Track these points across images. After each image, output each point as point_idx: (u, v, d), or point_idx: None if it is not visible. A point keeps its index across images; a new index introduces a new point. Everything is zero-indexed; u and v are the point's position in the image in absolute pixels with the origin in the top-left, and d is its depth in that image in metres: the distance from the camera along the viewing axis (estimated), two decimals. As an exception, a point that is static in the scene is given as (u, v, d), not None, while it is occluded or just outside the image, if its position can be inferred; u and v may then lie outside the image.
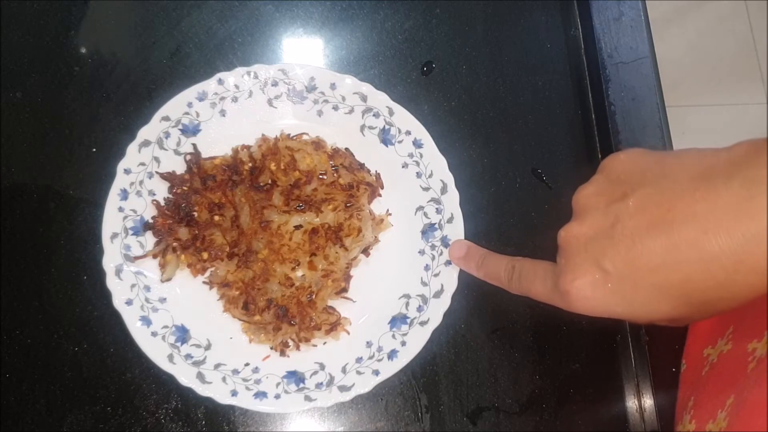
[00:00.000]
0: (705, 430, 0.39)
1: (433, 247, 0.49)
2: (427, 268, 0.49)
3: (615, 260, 0.31)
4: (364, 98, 0.51)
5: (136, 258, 0.47)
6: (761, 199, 0.26)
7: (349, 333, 0.48)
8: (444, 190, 0.50)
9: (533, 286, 0.38)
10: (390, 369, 0.46)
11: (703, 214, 0.28)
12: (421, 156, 0.50)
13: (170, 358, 0.45)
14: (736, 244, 0.27)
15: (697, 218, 0.28)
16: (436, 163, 0.50)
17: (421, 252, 0.49)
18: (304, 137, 0.51)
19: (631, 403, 0.50)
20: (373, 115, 0.51)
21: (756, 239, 0.26)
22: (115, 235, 0.47)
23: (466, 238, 0.49)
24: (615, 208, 0.32)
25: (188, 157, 0.49)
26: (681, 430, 0.43)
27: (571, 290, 0.33)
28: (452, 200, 0.49)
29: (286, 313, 0.47)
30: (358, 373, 0.46)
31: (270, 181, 0.49)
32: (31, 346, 0.47)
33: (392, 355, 0.46)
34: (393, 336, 0.47)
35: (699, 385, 0.44)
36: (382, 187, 0.51)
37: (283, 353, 0.47)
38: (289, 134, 0.51)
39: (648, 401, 0.49)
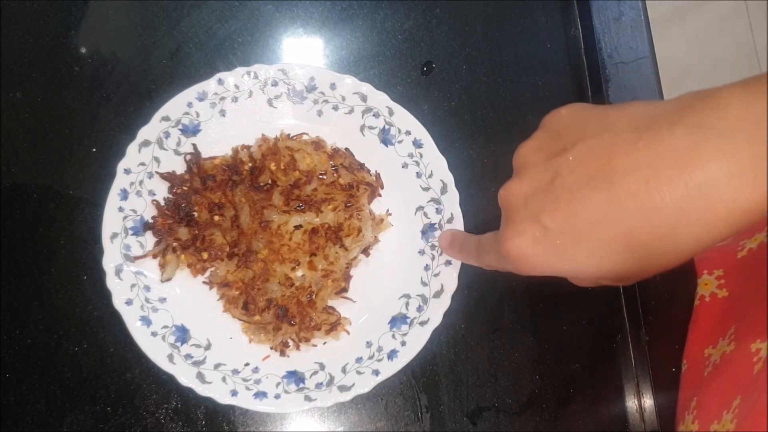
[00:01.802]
0: (709, 430, 0.39)
1: (433, 247, 0.49)
2: (427, 268, 0.49)
3: (555, 215, 0.29)
4: (364, 98, 0.51)
5: (136, 258, 0.47)
6: (706, 146, 0.25)
7: (349, 333, 0.48)
8: (444, 190, 0.50)
9: (489, 257, 0.37)
10: (390, 369, 0.46)
11: (644, 164, 0.26)
12: (421, 156, 0.50)
13: (170, 358, 0.45)
14: (678, 195, 0.25)
15: (638, 168, 0.27)
16: (436, 163, 0.50)
17: (421, 252, 0.49)
18: (304, 137, 0.51)
19: (631, 403, 0.50)
20: (373, 115, 0.51)
21: (700, 189, 0.25)
22: (115, 235, 0.47)
23: (466, 238, 0.49)
24: (555, 162, 0.30)
25: (188, 157, 0.49)
26: (683, 430, 0.43)
27: (511, 250, 0.31)
28: (452, 200, 0.49)
29: (286, 313, 0.47)
30: (358, 373, 0.46)
31: (270, 181, 0.49)
32: (31, 346, 0.47)
33: (392, 355, 0.46)
34: (393, 336, 0.47)
35: (702, 386, 0.44)
36: (382, 187, 0.51)
37: (283, 353, 0.47)
38: (289, 134, 0.51)
39: (648, 401, 0.49)
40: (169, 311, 0.47)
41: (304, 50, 0.55)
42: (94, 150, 0.51)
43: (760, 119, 0.24)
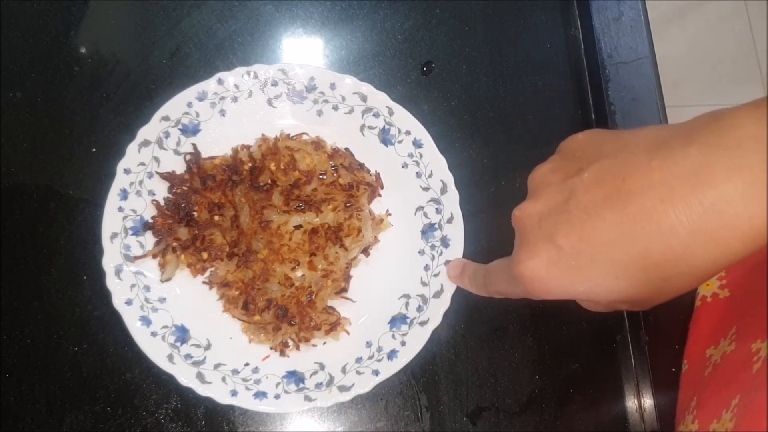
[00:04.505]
0: (709, 430, 0.39)
1: (432, 247, 0.49)
2: (426, 268, 0.49)
3: (569, 235, 0.29)
4: (364, 98, 0.50)
5: (136, 258, 0.47)
6: (719, 164, 0.25)
7: (349, 333, 0.48)
8: (444, 190, 0.50)
9: (499, 284, 0.36)
10: (390, 369, 0.46)
11: (659, 183, 0.26)
12: (421, 156, 0.50)
13: (170, 358, 0.45)
14: (693, 213, 0.25)
15: (653, 187, 0.27)
16: (436, 163, 0.50)
17: (421, 252, 0.49)
18: (304, 137, 0.51)
19: (631, 403, 0.50)
20: (373, 115, 0.51)
21: (714, 207, 0.25)
22: (114, 235, 0.47)
23: (465, 238, 0.49)
24: (570, 182, 0.30)
25: (188, 157, 0.49)
26: (683, 430, 0.43)
27: (524, 272, 0.31)
28: (452, 200, 0.49)
29: (286, 313, 0.47)
30: (358, 373, 0.46)
31: (270, 181, 0.49)
32: (31, 346, 0.47)
33: (392, 355, 0.46)
34: (393, 336, 0.47)
35: (702, 386, 0.44)
36: (382, 187, 0.51)
37: (282, 353, 0.47)
38: (289, 134, 0.51)
39: (648, 401, 0.49)
40: (168, 311, 0.47)
41: (304, 50, 0.55)
42: (94, 150, 0.51)
43: None
